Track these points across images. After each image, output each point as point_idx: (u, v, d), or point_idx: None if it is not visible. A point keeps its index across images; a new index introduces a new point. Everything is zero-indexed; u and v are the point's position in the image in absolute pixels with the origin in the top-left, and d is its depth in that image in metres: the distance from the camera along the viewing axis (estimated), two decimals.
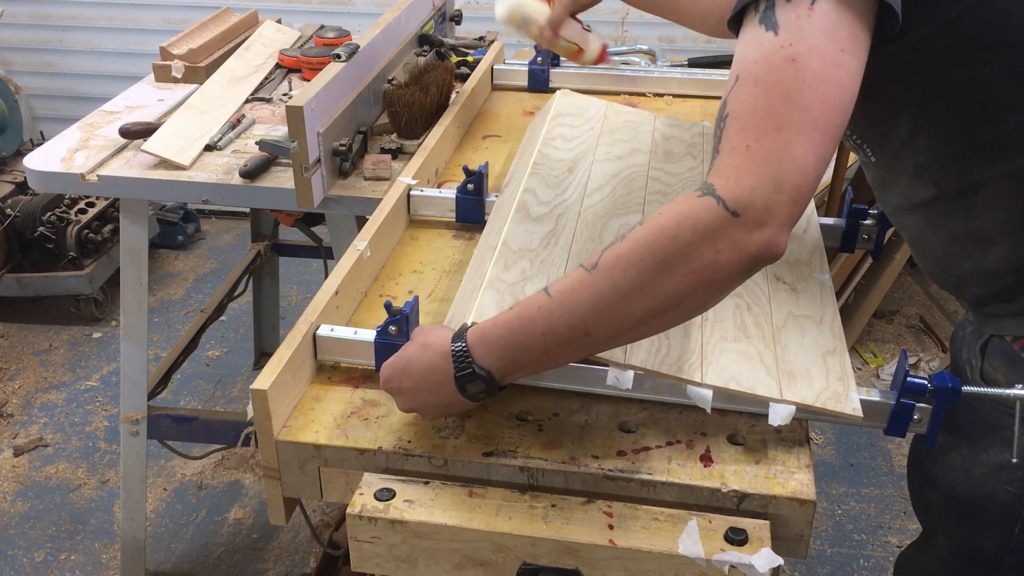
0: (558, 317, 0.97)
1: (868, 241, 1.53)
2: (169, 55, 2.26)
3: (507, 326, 1.01)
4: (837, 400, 1.09)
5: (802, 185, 0.90)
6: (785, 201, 0.89)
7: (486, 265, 1.26)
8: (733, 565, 0.95)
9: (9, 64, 3.94)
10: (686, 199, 0.92)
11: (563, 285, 0.98)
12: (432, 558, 1.02)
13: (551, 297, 0.98)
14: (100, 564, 2.44)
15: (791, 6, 0.92)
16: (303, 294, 3.55)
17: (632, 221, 1.37)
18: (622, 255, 0.94)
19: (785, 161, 0.89)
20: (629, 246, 0.94)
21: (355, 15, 3.63)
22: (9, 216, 3.26)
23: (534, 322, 0.99)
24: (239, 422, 2.16)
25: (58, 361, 3.23)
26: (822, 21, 0.91)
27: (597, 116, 1.66)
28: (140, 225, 1.99)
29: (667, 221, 0.92)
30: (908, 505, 2.56)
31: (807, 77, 0.90)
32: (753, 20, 0.94)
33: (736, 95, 0.93)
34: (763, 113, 0.90)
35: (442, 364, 1.04)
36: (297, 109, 1.61)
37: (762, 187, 0.89)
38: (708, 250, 0.90)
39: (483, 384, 1.03)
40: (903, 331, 3.30)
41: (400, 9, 2.11)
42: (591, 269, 0.96)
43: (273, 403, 1.10)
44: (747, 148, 0.90)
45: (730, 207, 0.89)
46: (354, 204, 1.75)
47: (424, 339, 1.08)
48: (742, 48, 0.95)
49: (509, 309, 1.02)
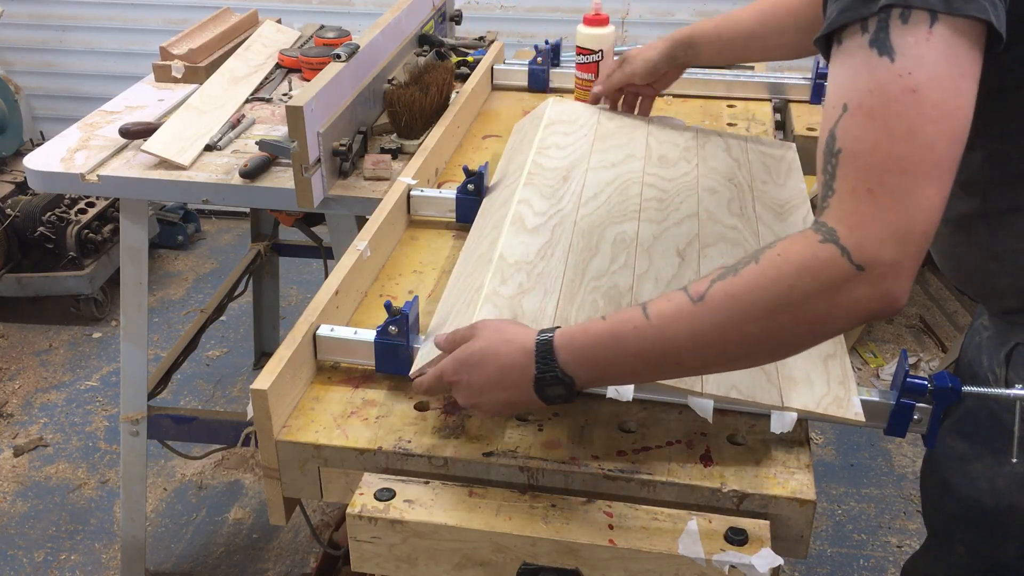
0: (652, 341, 0.94)
1: None
2: (169, 55, 2.26)
3: (598, 337, 0.97)
4: (839, 405, 1.09)
5: (928, 232, 0.85)
6: (912, 253, 0.85)
7: (482, 277, 1.24)
8: (733, 565, 0.95)
9: (9, 64, 3.94)
10: (807, 242, 0.87)
11: (664, 308, 0.94)
12: (432, 558, 1.02)
13: (648, 319, 0.94)
14: (100, 564, 2.44)
15: (908, 29, 0.85)
16: (303, 294, 3.55)
17: (629, 229, 1.36)
18: (732, 293, 0.90)
19: (912, 208, 0.84)
20: (741, 286, 0.89)
21: (355, 15, 3.63)
22: (9, 216, 3.26)
23: (627, 340, 0.95)
24: (239, 422, 2.16)
25: (58, 361, 3.23)
26: (941, 46, 0.84)
27: (590, 123, 1.65)
28: (140, 225, 1.99)
29: (786, 267, 0.87)
30: (908, 505, 2.56)
31: (928, 110, 0.84)
32: (860, 41, 0.87)
33: (848, 128, 0.87)
34: (884, 152, 0.84)
35: (523, 361, 1.00)
36: (297, 109, 1.61)
37: (889, 239, 0.84)
38: (826, 303, 0.86)
39: (563, 389, 0.99)
40: (903, 331, 3.30)
41: (400, 9, 2.11)
42: (697, 300, 0.91)
43: (273, 403, 1.10)
44: (869, 192, 0.85)
45: (855, 260, 0.84)
46: (354, 204, 1.75)
47: (501, 334, 1.03)
48: (848, 73, 0.88)
49: (602, 319, 0.98)
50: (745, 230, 1.39)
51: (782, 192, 1.51)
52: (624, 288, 1.24)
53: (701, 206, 1.43)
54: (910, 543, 2.45)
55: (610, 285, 1.24)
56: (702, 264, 1.30)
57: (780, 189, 1.52)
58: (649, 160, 1.56)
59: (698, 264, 1.30)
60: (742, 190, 1.50)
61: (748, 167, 1.57)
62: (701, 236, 1.36)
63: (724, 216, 1.42)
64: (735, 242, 1.35)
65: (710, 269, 1.27)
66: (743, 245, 1.35)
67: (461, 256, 1.41)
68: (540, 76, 2.12)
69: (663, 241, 1.35)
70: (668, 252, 1.32)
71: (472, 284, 1.25)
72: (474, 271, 1.30)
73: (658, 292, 1.22)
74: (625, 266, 1.29)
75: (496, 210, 1.45)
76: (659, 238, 1.36)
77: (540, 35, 3.43)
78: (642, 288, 1.23)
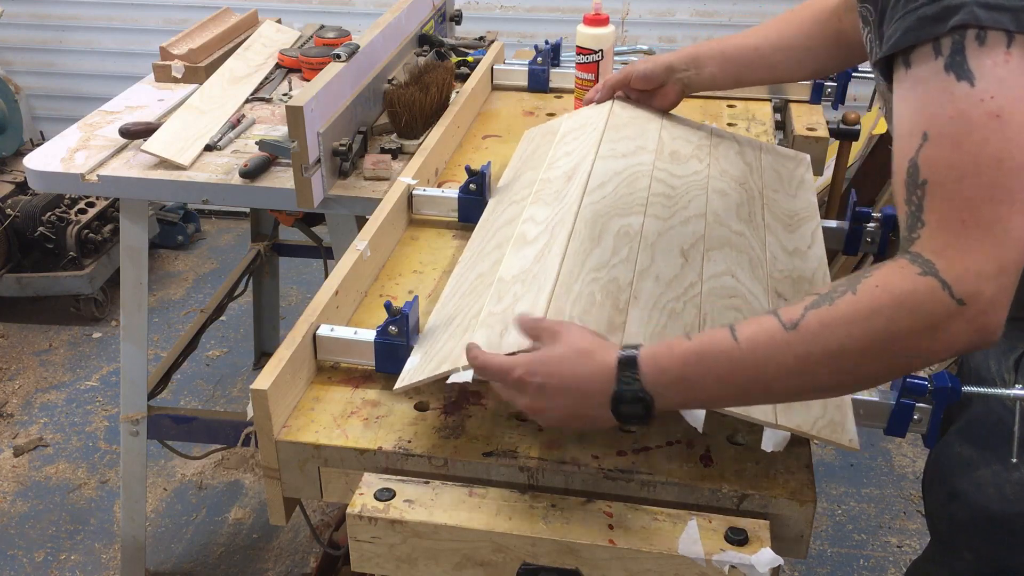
0: (741, 368, 0.91)
1: (872, 244, 1.52)
2: (169, 55, 2.26)
3: (683, 359, 0.94)
4: (833, 430, 1.06)
5: (1021, 261, 0.84)
6: (1008, 285, 0.84)
7: (481, 302, 1.21)
8: (733, 565, 0.95)
9: (9, 64, 3.94)
10: (905, 275, 0.85)
11: (754, 333, 0.91)
12: (432, 558, 1.02)
13: (738, 343, 0.91)
14: (100, 564, 2.44)
15: (986, 51, 0.83)
16: (303, 294, 3.55)
17: (634, 223, 1.33)
18: (828, 324, 0.87)
19: (1006, 239, 0.83)
20: (838, 317, 0.87)
21: (355, 15, 3.63)
22: (9, 216, 3.26)
23: (715, 362, 0.92)
24: (239, 422, 2.16)
25: (58, 361, 3.23)
26: (1021, 67, 0.83)
27: (600, 117, 1.61)
28: (140, 225, 1.99)
29: (885, 299, 0.85)
30: (908, 505, 2.56)
31: (1013, 135, 0.83)
32: (934, 66, 0.86)
33: (933, 158, 0.85)
34: (972, 182, 0.83)
35: (601, 375, 0.96)
36: (297, 109, 1.61)
37: (988, 272, 0.83)
38: (925, 339, 0.85)
39: (642, 408, 0.95)
40: None
41: (400, 9, 2.11)
42: (790, 327, 0.89)
43: (273, 403, 1.10)
44: (962, 223, 0.84)
45: (956, 295, 0.83)
46: (354, 204, 1.75)
47: (577, 343, 0.99)
48: (924, 99, 0.87)
49: (687, 339, 0.95)
50: (752, 237, 1.36)
51: (793, 203, 1.49)
52: (624, 283, 1.22)
53: (709, 207, 1.41)
54: (910, 543, 2.45)
55: (609, 278, 1.22)
56: (705, 267, 1.28)
57: (791, 200, 1.50)
58: (660, 155, 1.53)
59: (701, 266, 1.28)
60: (752, 196, 1.47)
61: (760, 173, 1.54)
62: (707, 238, 1.34)
63: (732, 221, 1.39)
64: (740, 248, 1.33)
65: (713, 272, 1.28)
66: (748, 252, 1.33)
67: (461, 263, 1.39)
68: (540, 76, 2.12)
69: (667, 239, 1.33)
70: (672, 251, 1.30)
71: (472, 307, 1.22)
72: (473, 290, 1.27)
73: (658, 291, 1.21)
74: (626, 260, 1.26)
75: (501, 227, 1.42)
76: (663, 235, 1.33)
77: (540, 35, 3.43)
78: (642, 284, 1.22)
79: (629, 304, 1.18)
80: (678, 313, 1.18)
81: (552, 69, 2.13)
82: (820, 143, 1.88)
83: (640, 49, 2.41)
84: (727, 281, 1.27)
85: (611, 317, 1.15)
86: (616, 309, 1.17)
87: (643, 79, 1.60)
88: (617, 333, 1.13)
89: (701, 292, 1.23)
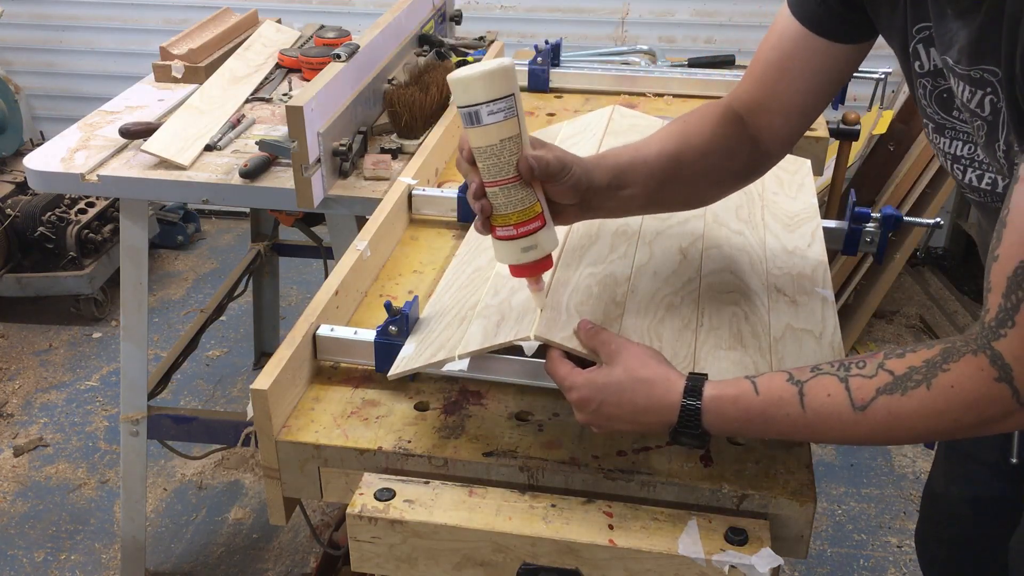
0: (803, 432, 0.97)
1: (871, 244, 1.52)
2: (169, 55, 2.26)
3: (747, 412, 0.97)
4: None
5: None
6: None
7: (478, 295, 1.21)
8: (733, 565, 0.95)
9: (9, 64, 3.94)
10: (982, 378, 0.87)
11: (823, 406, 0.93)
12: (432, 558, 1.02)
13: (804, 411, 0.94)
14: (100, 564, 2.44)
15: None
16: (303, 294, 3.55)
17: (632, 222, 1.35)
18: (898, 416, 0.90)
19: None
20: (908, 411, 0.90)
21: (355, 15, 3.63)
22: (9, 216, 3.26)
23: (777, 423, 0.96)
24: (239, 422, 2.16)
25: (58, 361, 3.23)
26: None
27: (600, 122, 1.62)
28: (140, 225, 1.99)
29: (956, 401, 0.88)
30: (908, 505, 2.56)
31: None
32: None
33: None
34: None
35: (661, 410, 0.99)
36: (297, 109, 1.61)
37: None
38: (982, 430, 0.90)
39: (698, 441, 1.00)
40: (903, 331, 3.30)
41: (400, 9, 2.11)
42: (859, 409, 0.92)
43: (273, 403, 1.10)
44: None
45: (1023, 400, 0.86)
46: (354, 204, 1.75)
47: (637, 370, 1.01)
48: None
49: (753, 389, 0.97)
50: (751, 237, 1.39)
51: (793, 205, 1.51)
52: (621, 278, 1.23)
53: (708, 208, 1.42)
54: (910, 543, 2.45)
55: (606, 273, 1.24)
56: (704, 264, 1.30)
57: (791, 202, 1.52)
58: None
59: (700, 263, 1.30)
60: (752, 197, 1.49)
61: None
62: (705, 237, 1.36)
63: (731, 220, 1.42)
64: (739, 248, 1.36)
65: (711, 268, 1.29)
66: (747, 252, 1.35)
67: (458, 258, 1.40)
68: (540, 76, 2.12)
69: (666, 237, 1.35)
70: (670, 248, 1.33)
71: (468, 300, 1.22)
72: (471, 283, 1.27)
73: (656, 285, 1.22)
74: (624, 256, 1.29)
75: None
76: (662, 234, 1.36)
77: (540, 35, 3.43)
78: (640, 280, 1.23)
79: (627, 298, 1.20)
80: (676, 307, 1.20)
81: (552, 69, 2.13)
82: (820, 143, 1.88)
83: (640, 49, 2.41)
84: (726, 277, 1.29)
85: (608, 309, 1.17)
86: (613, 302, 1.19)
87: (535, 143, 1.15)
88: (614, 325, 1.15)
89: (699, 287, 1.25)
